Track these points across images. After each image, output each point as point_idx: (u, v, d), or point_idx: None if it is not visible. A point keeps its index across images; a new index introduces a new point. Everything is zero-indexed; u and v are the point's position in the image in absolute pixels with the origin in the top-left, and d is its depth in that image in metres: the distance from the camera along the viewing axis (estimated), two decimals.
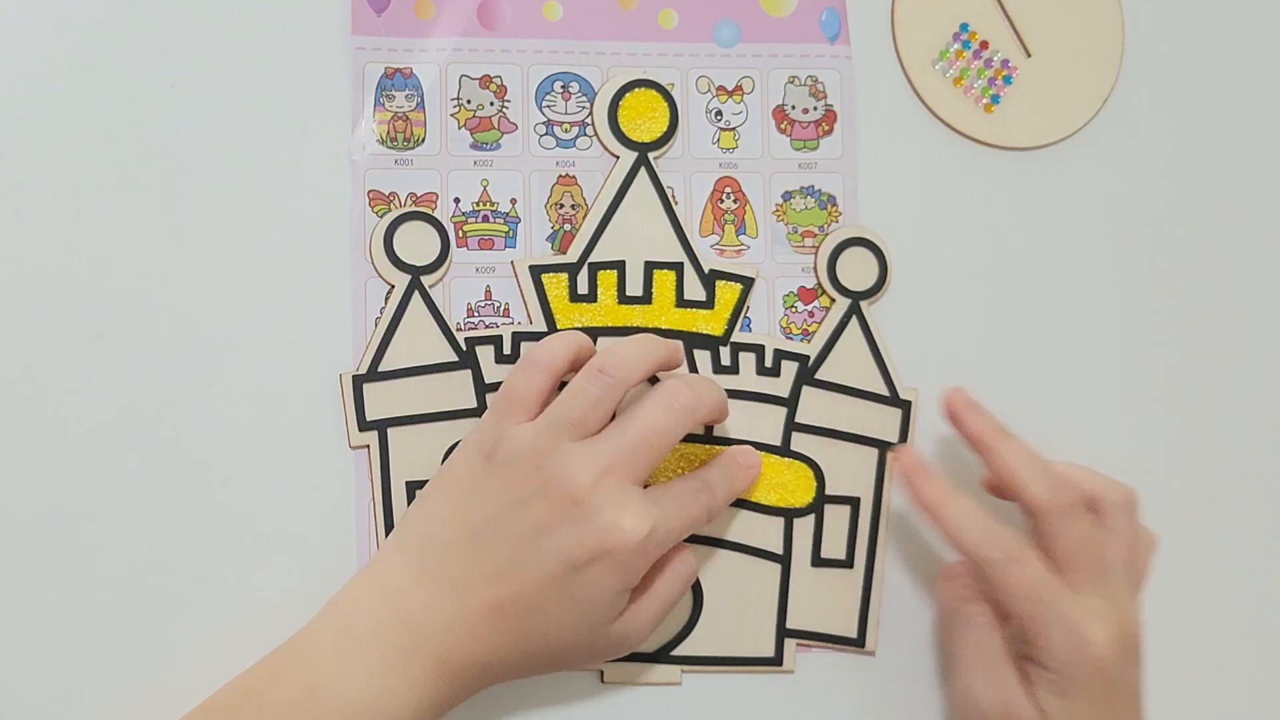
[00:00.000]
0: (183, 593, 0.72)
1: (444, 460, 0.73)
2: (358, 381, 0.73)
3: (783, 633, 0.76)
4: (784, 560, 0.76)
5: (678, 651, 0.75)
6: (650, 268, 0.76)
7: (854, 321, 0.77)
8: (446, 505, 0.69)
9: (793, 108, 0.78)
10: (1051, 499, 0.70)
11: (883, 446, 0.77)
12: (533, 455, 0.67)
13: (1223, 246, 0.82)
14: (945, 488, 0.71)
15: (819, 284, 0.78)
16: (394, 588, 0.67)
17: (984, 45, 0.80)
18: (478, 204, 0.75)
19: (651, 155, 0.76)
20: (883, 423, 0.77)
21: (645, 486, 0.69)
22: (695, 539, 0.74)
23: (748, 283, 0.76)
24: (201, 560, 0.72)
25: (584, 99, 0.77)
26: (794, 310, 0.77)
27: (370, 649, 0.66)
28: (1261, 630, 0.81)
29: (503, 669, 0.68)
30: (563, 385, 0.70)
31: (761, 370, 0.76)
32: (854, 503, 0.77)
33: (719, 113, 0.78)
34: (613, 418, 0.69)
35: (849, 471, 0.77)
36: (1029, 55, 0.80)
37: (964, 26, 0.80)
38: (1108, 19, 0.81)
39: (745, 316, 0.77)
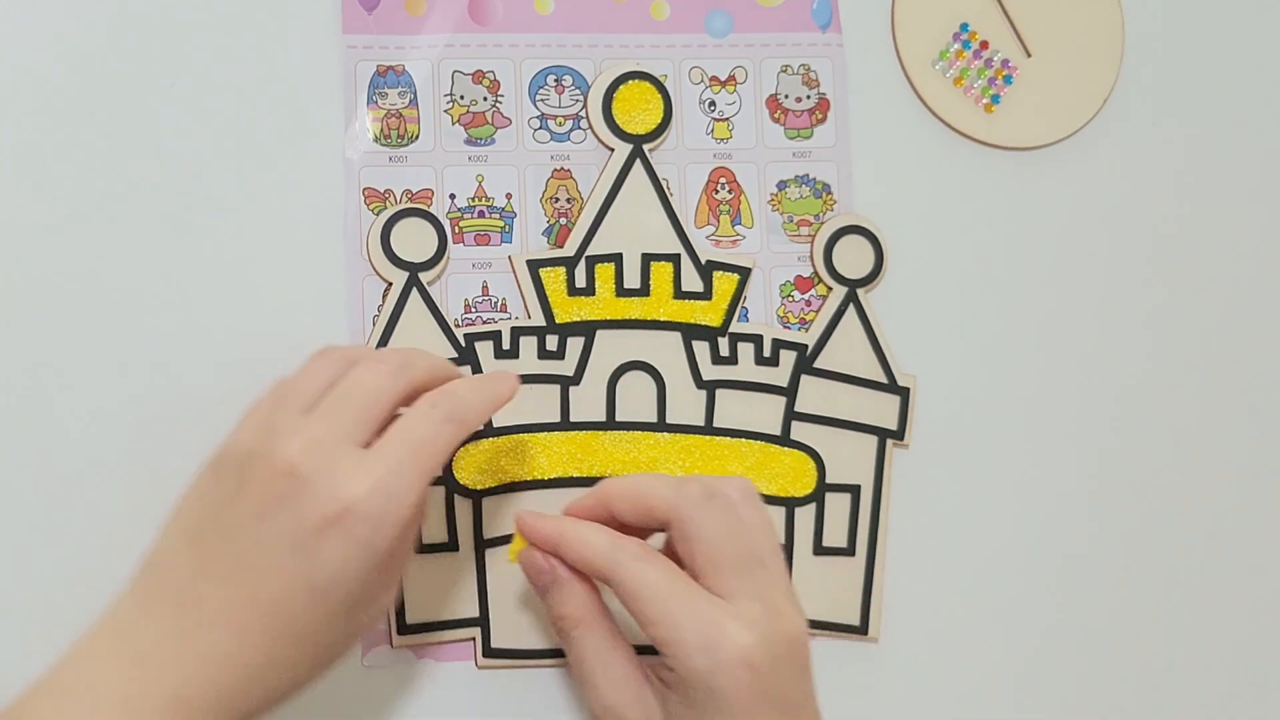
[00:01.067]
0: None
1: None
2: None
3: None
4: (786, 550, 0.76)
5: None
6: (647, 260, 0.76)
7: (851, 309, 0.77)
8: (173, 519, 0.62)
9: (786, 96, 0.78)
10: (679, 494, 0.64)
11: (882, 434, 0.77)
12: (248, 440, 0.61)
13: (1222, 246, 0.82)
14: (562, 518, 0.66)
15: (815, 273, 0.78)
16: (121, 621, 0.60)
17: (984, 45, 0.80)
18: (473, 199, 0.75)
19: (646, 147, 0.76)
20: (882, 410, 0.77)
21: None
22: None
23: (745, 273, 0.76)
24: None
25: (577, 92, 0.76)
26: (791, 299, 0.77)
27: (95, 700, 0.57)
28: (1256, 627, 0.81)
29: (259, 692, 0.59)
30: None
31: (760, 360, 0.76)
32: (854, 490, 0.77)
33: (712, 103, 0.78)
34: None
35: (849, 459, 0.77)
36: (1029, 55, 0.80)
37: (964, 26, 0.80)
38: (1108, 19, 0.81)
39: (743, 306, 0.77)
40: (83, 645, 0.60)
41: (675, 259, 0.76)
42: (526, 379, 0.74)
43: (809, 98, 0.78)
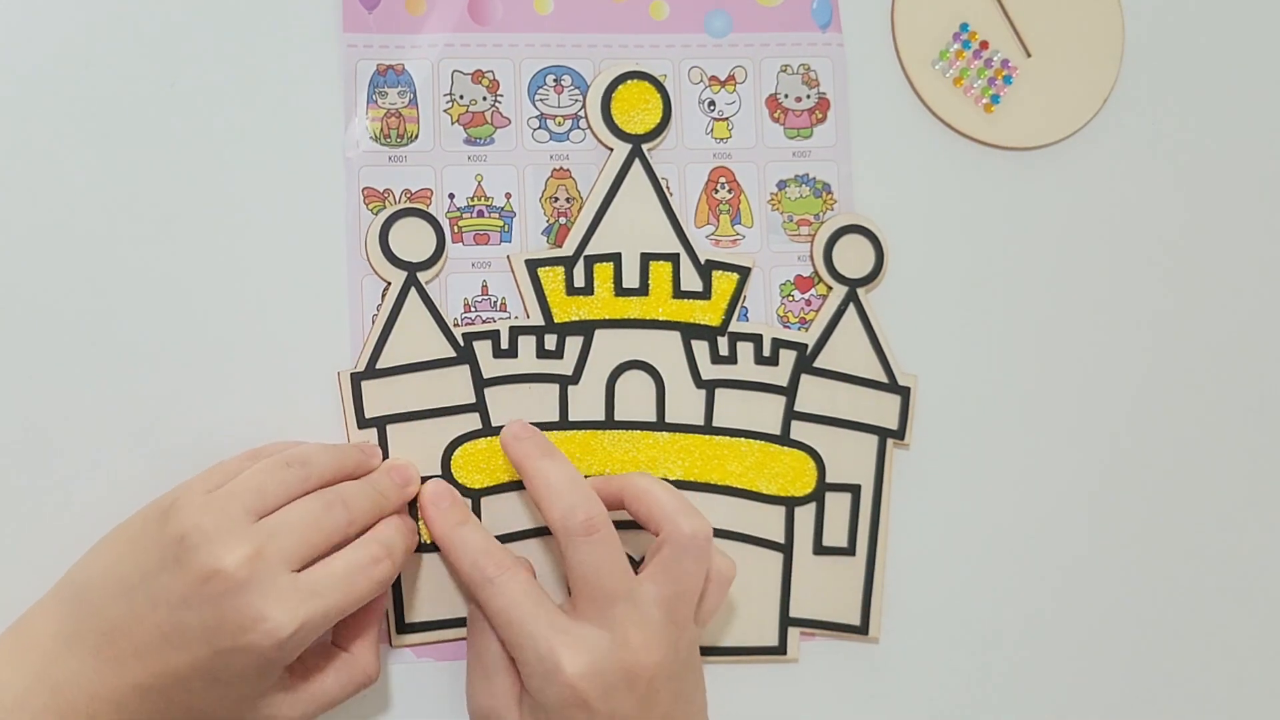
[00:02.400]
0: None
1: (444, 454, 0.73)
2: (356, 379, 0.73)
3: (786, 621, 0.76)
4: (786, 549, 0.76)
5: None
6: (646, 259, 0.76)
7: (851, 309, 0.77)
8: (112, 554, 0.66)
9: (785, 96, 0.78)
10: (563, 521, 0.67)
11: (883, 433, 0.77)
12: (198, 518, 0.64)
13: (1222, 246, 0.82)
14: (461, 516, 0.70)
15: (815, 272, 0.78)
16: (44, 648, 0.65)
17: (984, 45, 0.80)
18: (472, 199, 0.75)
19: (645, 146, 0.76)
20: (882, 409, 0.77)
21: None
22: None
23: (744, 272, 0.76)
24: None
25: (576, 91, 0.76)
26: (791, 299, 0.77)
27: (12, 716, 0.63)
28: (1257, 628, 0.81)
29: None
30: None
31: (760, 359, 0.76)
32: (855, 490, 0.77)
33: (712, 103, 0.78)
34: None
35: (849, 459, 0.77)
36: (1029, 55, 0.80)
37: (964, 26, 0.80)
38: (1108, 19, 0.81)
39: (742, 306, 0.77)
40: (2, 663, 0.65)
41: (674, 258, 0.76)
42: (525, 378, 0.74)
43: (809, 97, 0.78)
